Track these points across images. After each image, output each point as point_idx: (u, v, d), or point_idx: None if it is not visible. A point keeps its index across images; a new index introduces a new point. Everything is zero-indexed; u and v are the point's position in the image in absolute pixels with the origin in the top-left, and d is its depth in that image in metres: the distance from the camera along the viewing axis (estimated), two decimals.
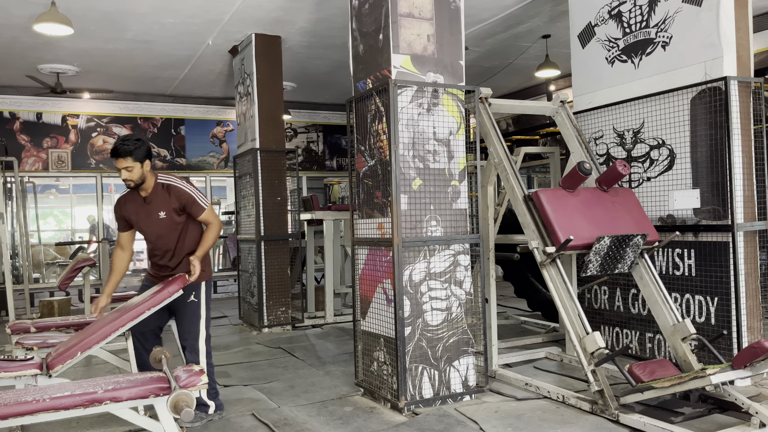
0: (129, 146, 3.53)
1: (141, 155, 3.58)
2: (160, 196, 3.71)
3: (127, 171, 3.56)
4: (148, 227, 3.75)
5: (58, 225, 11.67)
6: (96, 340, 3.27)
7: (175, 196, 3.70)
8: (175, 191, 3.71)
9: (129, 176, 3.58)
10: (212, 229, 3.83)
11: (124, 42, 7.24)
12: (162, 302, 3.51)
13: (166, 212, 3.70)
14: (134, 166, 3.56)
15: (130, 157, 3.53)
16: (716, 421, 3.51)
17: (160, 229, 3.72)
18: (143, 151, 3.59)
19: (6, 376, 3.11)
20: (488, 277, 4.71)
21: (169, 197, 3.70)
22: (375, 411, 3.95)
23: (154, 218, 3.71)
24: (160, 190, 3.71)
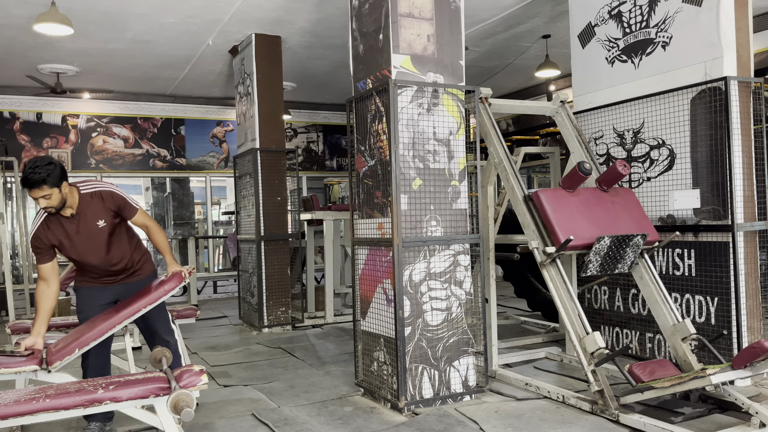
0: (41, 173, 3.17)
1: (56, 179, 3.23)
2: (92, 205, 3.44)
3: (45, 199, 3.25)
4: (86, 243, 3.45)
5: None
6: (93, 337, 3.28)
7: (109, 200, 3.47)
8: (107, 195, 3.48)
9: (49, 203, 3.27)
10: (157, 231, 3.69)
11: (124, 42, 7.24)
12: (159, 299, 3.52)
13: (104, 220, 3.46)
14: (52, 193, 3.24)
15: (45, 185, 3.20)
16: (716, 421, 3.51)
17: (101, 239, 3.46)
18: (57, 174, 3.24)
19: (6, 372, 3.12)
20: (488, 277, 4.71)
21: (103, 203, 3.45)
22: (375, 411, 3.95)
23: (91, 231, 3.43)
24: (89, 200, 3.44)
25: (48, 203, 3.27)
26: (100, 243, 3.47)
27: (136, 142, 10.46)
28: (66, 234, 3.42)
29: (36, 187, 3.19)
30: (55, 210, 3.33)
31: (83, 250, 3.46)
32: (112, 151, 10.31)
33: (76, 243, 3.44)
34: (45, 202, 3.26)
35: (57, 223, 3.41)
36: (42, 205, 3.28)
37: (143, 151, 10.52)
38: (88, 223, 3.42)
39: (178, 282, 3.63)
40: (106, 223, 3.46)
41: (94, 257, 3.49)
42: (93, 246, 3.46)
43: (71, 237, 3.42)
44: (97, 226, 3.44)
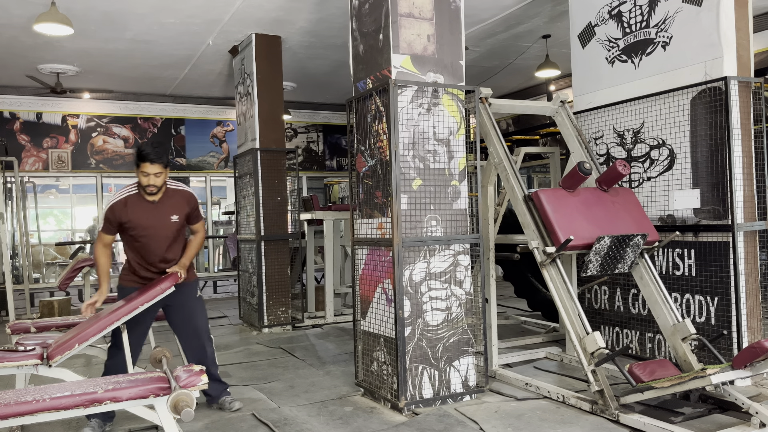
0: (160, 152, 3.58)
1: (167, 161, 3.65)
2: (174, 200, 3.75)
3: (156, 177, 3.59)
4: (155, 231, 3.71)
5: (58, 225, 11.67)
6: (93, 333, 3.30)
7: (186, 201, 3.80)
8: (189, 196, 3.84)
9: (156, 182, 3.60)
10: (201, 238, 4.00)
11: (124, 42, 7.24)
12: (155, 298, 3.54)
13: (178, 217, 3.75)
14: (163, 173, 3.61)
15: (160, 163, 3.57)
16: (716, 421, 3.51)
17: (168, 233, 3.74)
18: (167, 157, 3.68)
19: (8, 365, 3.13)
20: (488, 277, 4.71)
21: (183, 202, 3.78)
22: (375, 411, 3.95)
23: (165, 222, 3.72)
24: (173, 194, 3.76)
25: (156, 182, 3.59)
26: (166, 236, 3.73)
27: (136, 142, 10.45)
28: (142, 215, 3.66)
29: (157, 163, 3.54)
30: (156, 189, 3.63)
31: (150, 237, 3.69)
32: (112, 151, 10.31)
33: (148, 228, 3.68)
34: (155, 179, 3.58)
35: (136, 204, 3.67)
36: (151, 181, 3.57)
37: None
38: (165, 214, 3.71)
39: (173, 281, 3.64)
40: (179, 220, 3.75)
41: (156, 246, 3.73)
42: (160, 236, 3.71)
43: (148, 220, 3.67)
44: (170, 219, 3.72)
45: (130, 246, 3.80)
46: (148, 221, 3.69)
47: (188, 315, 3.91)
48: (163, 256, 3.78)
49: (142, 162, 3.56)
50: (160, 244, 3.75)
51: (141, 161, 3.56)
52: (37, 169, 9.83)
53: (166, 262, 3.79)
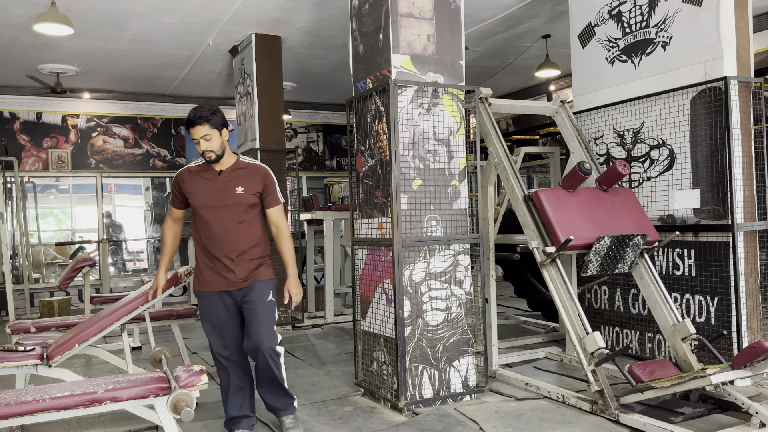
0: (204, 112, 3.15)
1: (218, 122, 3.18)
2: (242, 172, 3.29)
3: (206, 140, 3.15)
4: (217, 203, 3.25)
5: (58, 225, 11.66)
6: (92, 333, 3.31)
7: (261, 176, 3.30)
8: (261, 171, 3.32)
9: (209, 146, 3.16)
10: (285, 235, 3.38)
11: (124, 42, 7.24)
12: (155, 297, 3.52)
13: (245, 189, 3.25)
14: (212, 134, 3.16)
15: (207, 123, 3.14)
16: (716, 421, 3.51)
17: (234, 209, 3.25)
18: (220, 118, 3.20)
19: (9, 366, 3.13)
20: (488, 277, 4.71)
21: (253, 176, 3.29)
22: (375, 411, 3.95)
23: (229, 194, 3.24)
24: (243, 166, 3.31)
25: (208, 145, 3.16)
26: (231, 215, 3.25)
27: (136, 142, 10.46)
28: (207, 186, 3.26)
29: (198, 125, 3.13)
30: (215, 156, 3.19)
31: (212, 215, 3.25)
32: (112, 151, 10.31)
33: (210, 200, 3.25)
34: (205, 143, 3.16)
35: (203, 173, 3.29)
36: (202, 147, 3.16)
37: (143, 151, 10.52)
38: (230, 185, 3.25)
39: (173, 282, 3.64)
40: (245, 193, 3.25)
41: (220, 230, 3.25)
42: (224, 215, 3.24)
43: (209, 191, 3.26)
44: (235, 191, 3.24)
45: (195, 233, 3.36)
46: (210, 193, 3.25)
47: (250, 317, 3.31)
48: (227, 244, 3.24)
49: (188, 128, 3.18)
50: (223, 226, 3.24)
51: (187, 128, 3.19)
52: (37, 169, 9.82)
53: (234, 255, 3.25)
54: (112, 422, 3.84)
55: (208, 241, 3.28)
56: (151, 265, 11.63)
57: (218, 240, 3.25)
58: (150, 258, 11.75)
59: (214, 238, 3.26)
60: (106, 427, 3.79)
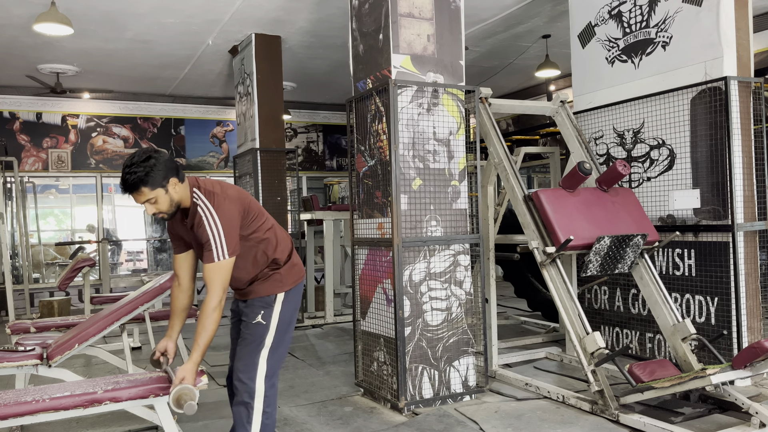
0: (138, 173, 2.50)
1: (159, 179, 2.53)
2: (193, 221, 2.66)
3: (152, 204, 2.57)
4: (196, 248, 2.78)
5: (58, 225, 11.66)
6: (92, 333, 3.30)
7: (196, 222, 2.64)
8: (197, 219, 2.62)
9: (156, 209, 2.59)
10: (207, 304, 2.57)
11: (124, 42, 7.24)
12: (154, 297, 3.52)
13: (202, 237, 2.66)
14: (156, 195, 2.55)
15: (144, 187, 2.52)
16: (716, 421, 3.51)
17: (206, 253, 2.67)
18: (160, 171, 2.53)
19: (9, 366, 3.13)
20: (488, 277, 4.71)
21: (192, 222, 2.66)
22: (375, 411, 3.95)
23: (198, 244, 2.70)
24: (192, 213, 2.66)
25: (156, 209, 2.59)
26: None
27: (136, 142, 10.45)
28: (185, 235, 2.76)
29: (135, 192, 2.54)
30: (168, 215, 2.63)
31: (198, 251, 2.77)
32: (112, 151, 10.31)
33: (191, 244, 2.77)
34: (152, 207, 2.58)
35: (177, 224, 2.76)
36: (150, 211, 2.60)
37: None
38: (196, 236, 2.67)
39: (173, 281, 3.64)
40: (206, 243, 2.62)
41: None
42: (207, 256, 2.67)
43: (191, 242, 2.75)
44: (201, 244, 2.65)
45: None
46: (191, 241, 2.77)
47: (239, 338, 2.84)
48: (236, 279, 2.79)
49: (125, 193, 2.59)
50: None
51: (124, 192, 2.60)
52: (37, 169, 9.82)
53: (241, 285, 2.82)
54: (112, 422, 3.84)
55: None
56: (151, 265, 11.63)
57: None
58: (150, 258, 11.76)
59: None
60: (106, 427, 3.79)
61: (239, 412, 2.71)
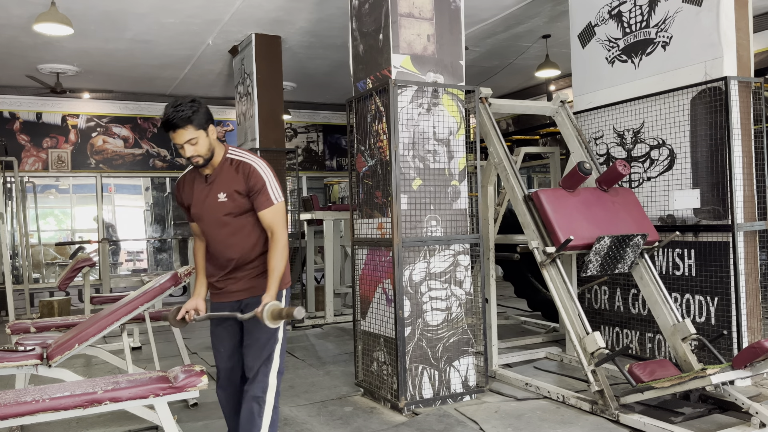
0: (185, 111, 2.59)
1: (203, 120, 2.65)
2: (225, 175, 2.75)
3: (191, 144, 2.63)
4: (204, 214, 2.79)
5: (58, 225, 11.67)
6: (92, 333, 3.30)
7: (243, 175, 2.73)
8: (245, 169, 2.73)
9: (195, 151, 2.64)
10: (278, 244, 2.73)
11: (124, 42, 7.24)
12: (155, 296, 3.52)
13: (226, 195, 2.73)
14: (198, 136, 2.63)
15: (190, 125, 2.60)
16: (716, 421, 3.51)
17: (218, 218, 2.76)
18: (204, 114, 2.66)
19: (9, 366, 3.13)
20: (488, 277, 4.71)
21: (235, 176, 2.73)
22: (375, 411, 3.95)
23: (211, 202, 2.76)
24: (227, 166, 2.75)
25: (195, 151, 2.64)
26: (218, 224, 2.76)
27: (136, 142, 10.45)
28: (197, 195, 2.80)
29: (180, 128, 2.59)
30: (204, 161, 2.69)
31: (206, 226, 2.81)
32: (112, 151, 10.31)
33: (200, 212, 2.81)
34: (191, 149, 2.64)
35: (193, 180, 2.83)
36: (188, 153, 2.64)
37: (143, 151, 10.52)
38: (213, 191, 2.75)
39: (173, 282, 3.64)
40: (227, 200, 2.73)
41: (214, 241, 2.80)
42: (213, 225, 2.78)
43: (198, 201, 2.80)
44: (217, 200, 2.74)
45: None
46: (198, 202, 2.80)
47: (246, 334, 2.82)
48: (224, 254, 2.79)
49: (168, 133, 2.66)
50: (216, 238, 2.79)
51: (166, 132, 2.66)
52: (37, 169, 9.82)
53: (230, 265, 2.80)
54: (112, 422, 3.84)
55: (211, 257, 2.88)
56: (151, 265, 11.63)
57: (217, 255, 2.83)
58: (150, 258, 11.76)
59: (214, 254, 2.84)
60: (106, 427, 3.80)
61: (250, 408, 2.73)
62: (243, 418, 2.75)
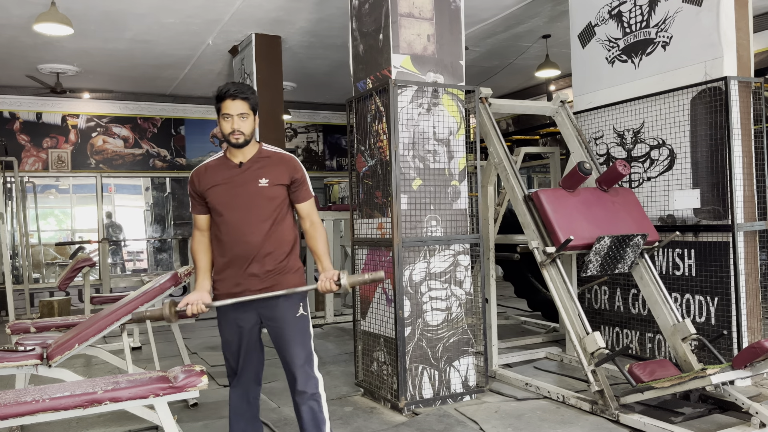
0: (245, 88, 2.73)
1: (256, 103, 2.78)
2: (266, 162, 2.80)
3: (242, 118, 2.70)
4: (237, 198, 2.74)
5: (58, 225, 11.67)
6: (92, 333, 3.30)
7: (287, 166, 2.80)
8: (288, 161, 2.82)
9: (241, 126, 2.70)
10: (320, 229, 2.87)
11: (124, 42, 7.24)
12: (155, 296, 3.51)
13: (269, 181, 2.75)
14: (249, 114, 2.73)
15: (247, 101, 2.72)
16: (716, 421, 3.51)
17: (255, 201, 2.74)
18: (257, 100, 2.80)
19: (9, 366, 3.13)
20: (488, 277, 4.71)
21: (278, 166, 2.79)
22: (375, 411, 3.95)
23: (251, 187, 2.74)
24: (266, 155, 2.82)
25: (241, 125, 2.71)
26: (257, 212, 2.74)
27: (136, 142, 10.45)
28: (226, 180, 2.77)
29: (238, 99, 2.70)
30: (243, 141, 2.73)
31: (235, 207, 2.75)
32: (112, 151, 10.31)
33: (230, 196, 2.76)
34: (240, 122, 2.71)
35: (218, 168, 2.82)
36: (234, 125, 2.70)
37: (143, 151, 10.52)
38: (251, 177, 2.76)
39: (173, 282, 3.64)
40: (269, 185, 2.75)
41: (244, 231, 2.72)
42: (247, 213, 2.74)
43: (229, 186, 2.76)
44: (257, 183, 2.75)
45: (215, 237, 2.83)
46: (229, 187, 2.76)
47: (278, 338, 2.81)
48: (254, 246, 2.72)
49: (221, 101, 2.71)
50: (248, 227, 2.72)
51: (220, 101, 2.72)
52: (37, 169, 9.82)
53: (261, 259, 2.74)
54: (112, 422, 3.84)
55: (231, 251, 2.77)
56: (151, 265, 11.63)
57: (242, 247, 2.74)
58: (150, 258, 11.76)
59: (237, 247, 2.74)
60: (106, 427, 3.80)
61: (311, 407, 2.79)
62: (307, 418, 2.79)
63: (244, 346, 2.82)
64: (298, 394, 2.79)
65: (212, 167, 2.84)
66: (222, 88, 2.73)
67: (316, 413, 2.80)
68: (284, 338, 2.79)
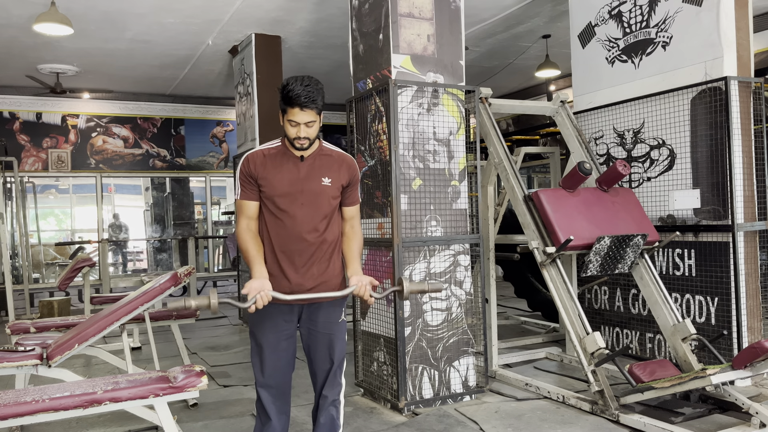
0: (315, 93, 2.55)
1: (322, 105, 2.62)
2: (327, 160, 2.70)
3: (308, 127, 2.56)
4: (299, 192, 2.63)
5: (58, 225, 11.67)
6: (92, 333, 3.29)
7: (347, 168, 2.72)
8: (348, 162, 2.73)
9: (308, 134, 2.58)
10: (359, 234, 2.80)
11: (124, 42, 7.24)
12: (155, 297, 3.51)
13: (331, 180, 2.67)
14: (316, 120, 2.60)
15: (315, 108, 2.56)
16: (716, 421, 3.51)
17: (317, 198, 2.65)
18: (324, 100, 2.64)
19: (8, 366, 3.13)
20: (488, 277, 4.71)
21: (340, 166, 2.70)
22: (375, 411, 3.95)
23: (314, 183, 2.64)
24: (327, 153, 2.71)
25: (309, 133, 2.58)
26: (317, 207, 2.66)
27: (135, 142, 10.45)
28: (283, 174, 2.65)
29: (309, 108, 2.53)
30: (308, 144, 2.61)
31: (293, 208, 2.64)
32: (112, 151, 10.31)
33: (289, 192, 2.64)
34: (305, 130, 2.57)
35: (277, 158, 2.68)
36: (301, 133, 2.56)
37: (143, 151, 10.52)
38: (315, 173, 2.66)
39: (173, 282, 3.63)
40: (331, 185, 2.67)
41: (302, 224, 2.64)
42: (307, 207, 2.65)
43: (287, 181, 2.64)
44: (321, 181, 2.65)
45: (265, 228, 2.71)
46: (292, 180, 2.64)
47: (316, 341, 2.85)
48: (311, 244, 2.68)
49: (289, 107, 2.53)
50: (308, 224, 2.64)
51: (288, 106, 2.53)
52: (37, 169, 9.82)
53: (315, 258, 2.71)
54: (112, 422, 3.84)
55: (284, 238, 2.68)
56: (151, 265, 11.62)
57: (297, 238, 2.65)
58: (150, 258, 11.76)
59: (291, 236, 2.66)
60: (106, 427, 3.80)
61: (330, 414, 2.85)
62: (325, 423, 2.84)
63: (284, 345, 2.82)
64: (322, 397, 2.85)
65: (271, 156, 2.68)
66: (290, 91, 2.51)
67: (335, 420, 2.85)
68: (323, 342, 2.82)
